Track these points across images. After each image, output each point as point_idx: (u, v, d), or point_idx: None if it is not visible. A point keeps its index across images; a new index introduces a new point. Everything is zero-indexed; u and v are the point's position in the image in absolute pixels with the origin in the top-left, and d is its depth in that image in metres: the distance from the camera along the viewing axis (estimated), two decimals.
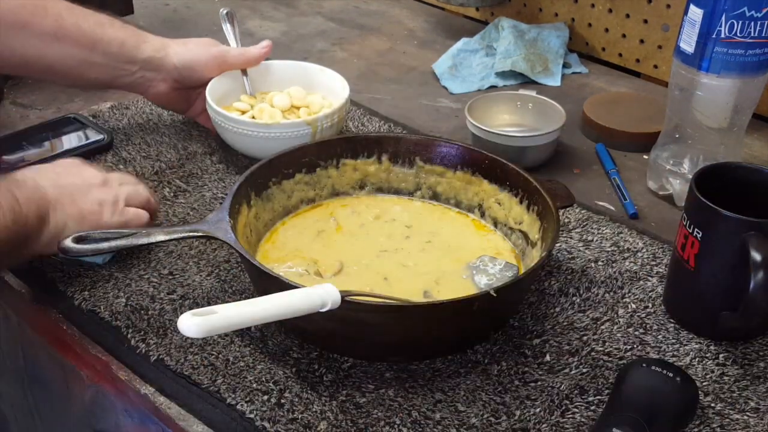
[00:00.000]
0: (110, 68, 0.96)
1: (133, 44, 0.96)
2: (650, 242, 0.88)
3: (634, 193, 0.97)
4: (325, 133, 0.96)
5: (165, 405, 0.70)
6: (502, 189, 0.85)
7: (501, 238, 0.85)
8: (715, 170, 0.76)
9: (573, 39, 1.32)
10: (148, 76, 0.98)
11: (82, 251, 0.75)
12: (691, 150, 0.94)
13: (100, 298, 0.78)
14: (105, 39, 0.94)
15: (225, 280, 0.81)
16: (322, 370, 0.72)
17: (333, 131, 0.97)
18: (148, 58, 0.97)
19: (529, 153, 1.00)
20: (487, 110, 1.06)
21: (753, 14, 0.83)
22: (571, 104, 1.12)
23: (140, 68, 0.97)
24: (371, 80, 1.25)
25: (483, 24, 1.42)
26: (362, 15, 1.48)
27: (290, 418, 0.67)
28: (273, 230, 0.85)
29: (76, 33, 0.93)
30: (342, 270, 0.80)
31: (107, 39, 0.94)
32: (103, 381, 0.76)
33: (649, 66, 1.27)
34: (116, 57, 0.95)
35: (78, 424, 0.84)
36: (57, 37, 0.92)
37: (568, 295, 0.81)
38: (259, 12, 1.47)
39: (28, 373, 0.91)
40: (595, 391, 0.70)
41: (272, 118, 0.96)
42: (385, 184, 0.91)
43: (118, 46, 0.95)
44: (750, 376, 0.72)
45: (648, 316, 0.79)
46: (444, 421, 0.67)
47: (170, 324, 0.76)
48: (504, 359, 0.73)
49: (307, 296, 0.64)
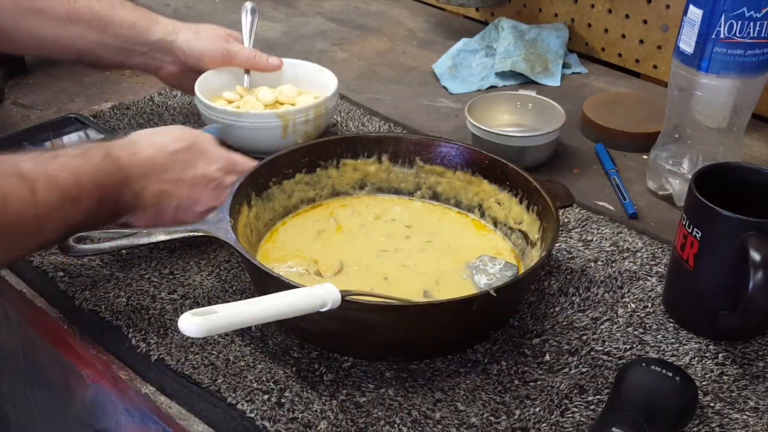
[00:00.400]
0: (122, 49, 0.98)
1: (144, 26, 0.98)
2: (650, 242, 0.88)
3: (633, 193, 0.98)
4: (299, 128, 0.96)
5: (165, 404, 0.70)
6: (502, 189, 0.85)
7: (501, 238, 0.86)
8: (715, 170, 0.76)
9: (573, 39, 1.32)
10: (158, 57, 1.00)
11: (83, 251, 0.75)
12: (691, 150, 0.94)
13: (101, 298, 0.79)
14: (116, 21, 0.97)
15: (225, 279, 0.81)
16: (322, 369, 0.72)
17: (310, 128, 0.97)
18: (159, 40, 0.99)
19: (529, 153, 1.00)
20: (487, 110, 1.06)
21: (752, 14, 0.83)
22: (571, 104, 1.13)
23: (150, 50, 0.99)
24: (371, 80, 1.25)
25: (483, 24, 1.42)
26: (362, 15, 1.48)
27: (290, 418, 0.67)
28: (273, 230, 0.86)
29: (88, 15, 0.96)
30: (342, 270, 0.80)
31: (118, 21, 0.97)
32: (103, 380, 0.76)
33: (648, 66, 1.27)
34: (127, 39, 0.98)
35: (78, 423, 0.85)
36: (70, 20, 0.95)
37: (568, 294, 0.81)
38: (260, 12, 1.47)
39: (28, 372, 0.91)
40: (594, 390, 0.70)
41: (254, 109, 0.98)
42: (385, 184, 0.91)
43: (129, 27, 0.97)
44: (749, 376, 0.73)
45: (647, 316, 0.79)
46: (444, 420, 0.68)
47: (171, 323, 0.76)
48: (504, 359, 0.73)
49: (308, 296, 0.64)
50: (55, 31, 0.95)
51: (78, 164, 0.72)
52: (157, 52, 1.00)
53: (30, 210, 0.67)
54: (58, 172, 0.70)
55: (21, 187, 0.66)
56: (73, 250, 0.75)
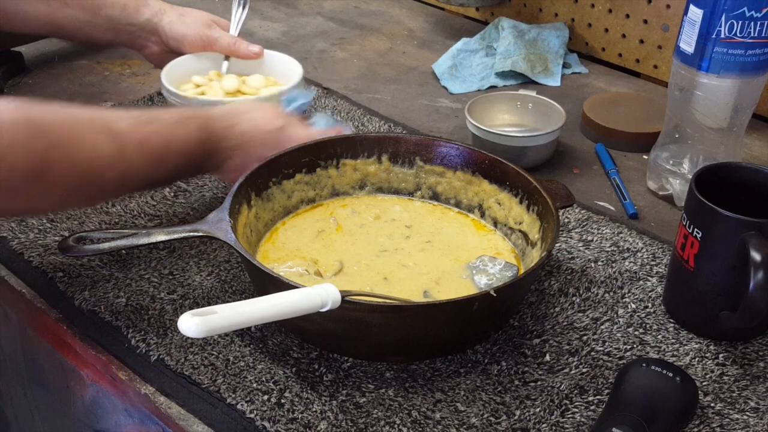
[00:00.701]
0: (112, 30, 1.03)
1: (133, 7, 1.04)
2: (650, 242, 0.88)
3: (633, 193, 0.98)
4: None
5: (165, 405, 0.70)
6: (502, 189, 0.85)
7: (501, 238, 0.85)
8: (715, 170, 0.76)
9: (573, 39, 1.32)
10: (144, 36, 1.05)
11: (83, 251, 0.75)
12: (691, 150, 0.94)
13: (100, 298, 0.79)
14: (108, 3, 1.02)
15: (225, 280, 0.81)
16: (322, 369, 0.72)
17: None
18: (146, 21, 1.04)
19: (529, 153, 1.00)
20: (487, 110, 1.06)
21: (753, 14, 0.83)
22: (571, 104, 1.13)
23: (138, 29, 1.04)
24: (371, 80, 1.25)
25: (483, 24, 1.42)
26: (362, 15, 1.48)
27: (290, 418, 0.67)
28: (273, 230, 0.85)
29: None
30: (342, 270, 0.80)
31: (110, 3, 1.02)
32: (103, 381, 0.76)
33: (648, 66, 1.27)
34: (118, 19, 1.03)
35: (78, 423, 0.84)
36: (66, 2, 1.00)
37: (568, 295, 0.81)
38: (259, 12, 1.47)
39: (28, 372, 0.91)
40: (594, 390, 0.70)
41: (214, 95, 1.00)
42: (385, 184, 0.91)
43: (119, 9, 1.03)
44: (750, 376, 0.73)
45: (648, 316, 0.79)
46: (444, 420, 0.67)
47: (170, 324, 0.76)
48: (504, 359, 0.73)
49: (307, 296, 0.64)
50: (50, 11, 1.00)
51: (173, 131, 0.77)
52: (143, 31, 1.04)
53: (118, 165, 0.72)
54: (152, 135, 0.75)
55: (110, 146, 0.71)
56: (72, 251, 0.75)
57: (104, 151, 0.70)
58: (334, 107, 1.13)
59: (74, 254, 0.75)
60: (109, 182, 0.73)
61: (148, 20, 1.03)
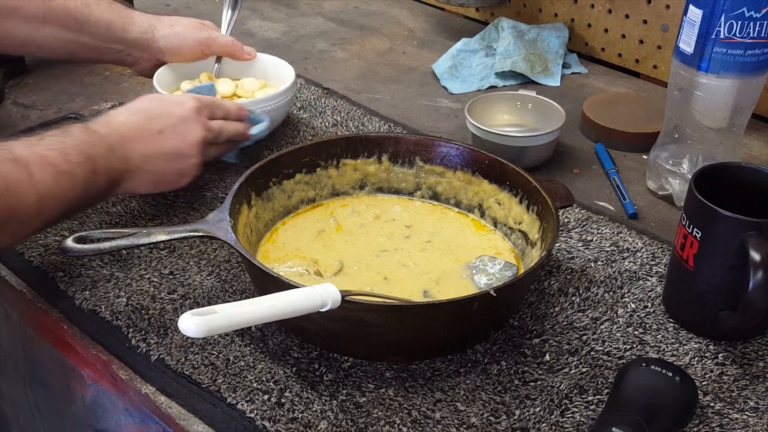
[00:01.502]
0: (97, 48, 0.99)
1: (119, 26, 0.99)
2: (649, 242, 0.88)
3: (633, 193, 0.98)
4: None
5: (165, 404, 0.70)
6: (502, 189, 0.85)
7: (501, 238, 0.86)
8: (715, 170, 0.77)
9: (573, 39, 1.33)
10: (135, 54, 1.02)
11: (83, 251, 0.75)
12: (691, 150, 0.94)
13: (101, 298, 0.79)
14: (91, 20, 0.97)
15: (225, 279, 0.81)
16: (322, 369, 0.72)
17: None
18: (135, 39, 1.00)
19: (529, 153, 1.00)
20: (487, 110, 1.06)
21: (752, 14, 0.83)
22: (571, 104, 1.13)
23: (126, 47, 1.01)
24: (371, 80, 1.25)
25: (483, 24, 1.42)
26: (362, 15, 1.48)
27: (290, 418, 0.67)
28: (273, 230, 0.86)
29: (63, 15, 0.96)
30: (342, 270, 0.80)
31: (93, 20, 0.97)
32: (103, 380, 0.76)
33: (648, 66, 1.27)
34: (103, 38, 0.99)
35: (78, 423, 0.85)
36: (45, 20, 0.95)
37: (568, 294, 0.81)
38: (259, 12, 1.47)
39: (28, 372, 0.91)
40: (594, 390, 0.70)
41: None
42: (385, 184, 0.91)
43: (104, 27, 0.98)
44: (749, 376, 0.73)
45: (647, 316, 0.79)
46: (444, 420, 0.68)
47: (171, 324, 0.76)
48: (504, 359, 0.73)
49: (307, 296, 0.64)
50: (30, 30, 0.95)
51: (62, 141, 0.74)
52: (133, 50, 1.01)
53: (30, 191, 0.69)
54: (48, 151, 0.72)
55: (18, 171, 0.69)
56: (72, 251, 0.75)
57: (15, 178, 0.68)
58: (334, 107, 1.13)
59: (75, 254, 0.75)
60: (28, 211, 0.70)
61: (136, 39, 1.00)
